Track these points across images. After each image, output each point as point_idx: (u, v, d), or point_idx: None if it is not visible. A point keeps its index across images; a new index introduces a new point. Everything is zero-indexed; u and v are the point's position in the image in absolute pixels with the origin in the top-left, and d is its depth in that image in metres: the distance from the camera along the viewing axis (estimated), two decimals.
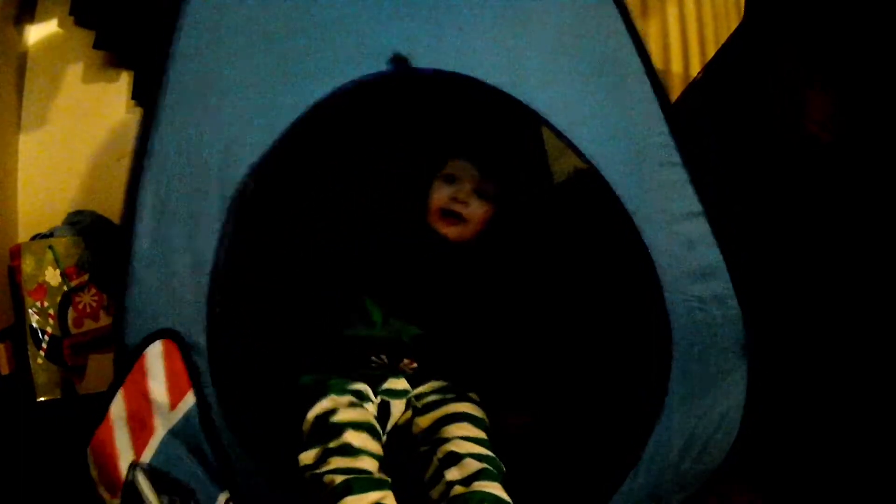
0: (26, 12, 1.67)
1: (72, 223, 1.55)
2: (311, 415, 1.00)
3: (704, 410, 1.00)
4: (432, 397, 1.12)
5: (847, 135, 1.15)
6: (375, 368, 1.13)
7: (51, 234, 1.49)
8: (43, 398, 1.39)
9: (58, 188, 1.67)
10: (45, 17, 1.68)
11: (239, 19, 0.93)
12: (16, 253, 1.44)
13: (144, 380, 0.86)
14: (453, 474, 0.97)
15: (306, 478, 0.96)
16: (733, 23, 1.84)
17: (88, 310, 1.45)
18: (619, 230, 0.97)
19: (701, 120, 1.34)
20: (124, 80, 1.70)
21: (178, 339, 0.88)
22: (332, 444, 0.96)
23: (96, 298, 1.47)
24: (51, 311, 1.43)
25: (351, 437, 0.96)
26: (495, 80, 0.95)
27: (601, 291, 1.19)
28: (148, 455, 0.85)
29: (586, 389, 1.16)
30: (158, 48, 0.92)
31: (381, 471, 0.97)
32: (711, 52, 1.81)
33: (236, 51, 0.93)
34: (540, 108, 0.96)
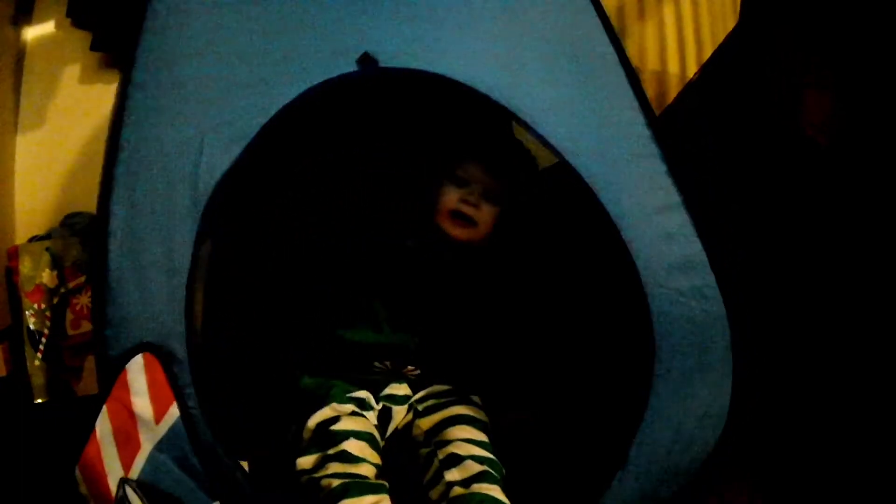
0: (23, 13, 1.66)
1: (69, 225, 1.54)
2: (313, 422, 1.01)
3: (690, 404, 1.00)
4: (434, 400, 1.12)
5: (844, 137, 1.15)
6: (378, 374, 1.13)
7: (48, 236, 1.49)
8: (40, 400, 1.38)
9: (55, 190, 1.66)
10: (43, 19, 1.68)
11: (204, 18, 0.92)
12: (13, 254, 1.43)
13: (127, 395, 0.86)
14: (453, 475, 0.98)
15: (302, 482, 0.97)
16: (730, 23, 1.84)
17: (85, 311, 1.44)
18: (597, 225, 0.97)
19: (698, 120, 1.35)
20: None
21: (157, 352, 0.87)
22: (332, 451, 0.96)
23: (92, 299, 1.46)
24: (48, 313, 1.42)
25: (350, 445, 0.97)
26: (466, 78, 0.94)
27: (584, 288, 1.19)
28: (136, 470, 0.85)
29: (574, 388, 1.16)
30: (126, 48, 0.91)
31: (378, 478, 0.97)
32: (708, 53, 1.81)
33: (202, 51, 0.92)
34: (511, 103, 0.95)
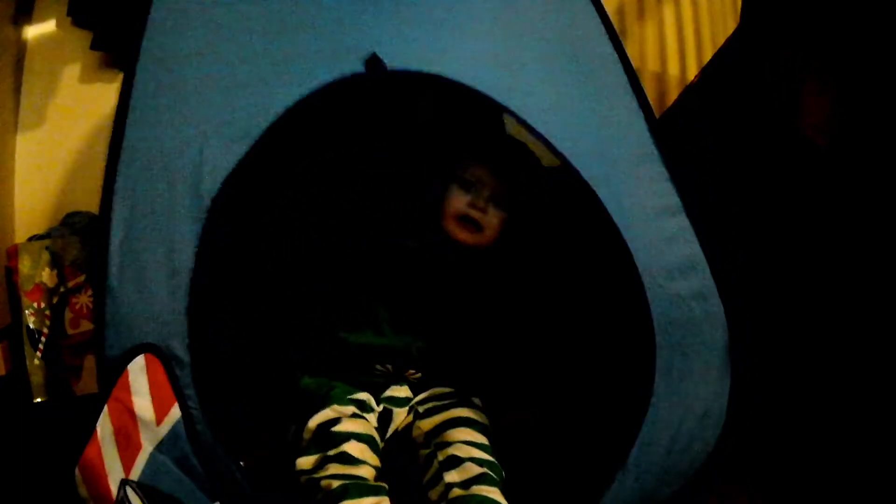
0: (24, 12, 1.66)
1: (69, 224, 1.54)
2: (313, 423, 1.01)
3: (689, 405, 1.00)
4: (434, 402, 1.12)
5: (843, 140, 1.15)
6: (379, 376, 1.13)
7: (48, 235, 1.49)
8: (39, 399, 1.38)
9: (55, 189, 1.66)
10: (43, 18, 1.67)
11: (207, 18, 0.92)
12: (12, 253, 1.43)
13: (128, 396, 0.86)
14: (453, 477, 0.98)
15: (302, 482, 0.97)
16: (730, 25, 1.84)
17: (85, 311, 1.44)
18: (598, 227, 0.97)
19: (698, 122, 1.35)
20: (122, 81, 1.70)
21: (158, 353, 0.87)
22: (332, 452, 0.96)
23: (93, 299, 1.46)
24: (47, 312, 1.42)
25: (351, 447, 0.97)
26: (468, 79, 0.94)
27: (584, 289, 1.19)
28: (137, 471, 0.85)
29: (574, 389, 1.16)
30: (129, 45, 0.91)
31: (378, 480, 0.97)
32: (708, 55, 1.81)
33: (205, 51, 0.91)
34: (512, 104, 0.95)
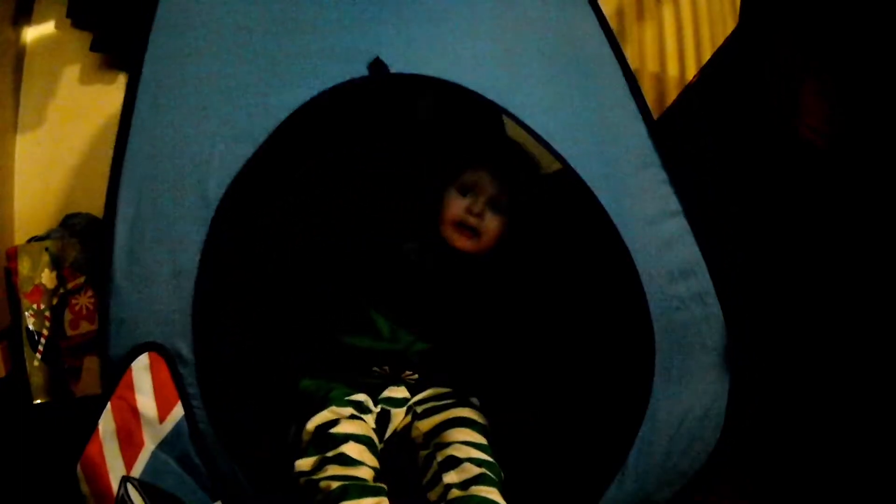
0: (23, 13, 1.66)
1: (68, 225, 1.54)
2: (312, 425, 1.01)
3: (688, 408, 1.01)
4: (432, 402, 1.12)
5: (842, 140, 1.15)
6: (376, 377, 1.13)
7: (47, 237, 1.49)
8: (39, 400, 1.38)
9: (54, 190, 1.66)
10: (43, 19, 1.68)
11: (212, 20, 0.92)
12: (12, 255, 1.43)
13: (132, 394, 0.86)
14: (451, 478, 0.98)
15: (301, 483, 0.97)
16: (729, 25, 1.85)
17: (85, 312, 1.44)
18: (598, 228, 0.97)
19: (697, 122, 1.35)
20: (121, 82, 1.69)
21: (162, 352, 0.87)
22: (330, 453, 0.96)
23: (93, 300, 1.46)
24: (47, 314, 1.42)
25: (349, 448, 0.97)
26: (469, 81, 0.94)
27: (585, 293, 1.19)
28: (138, 469, 0.86)
29: (574, 390, 1.16)
30: (134, 47, 0.91)
31: (376, 480, 0.97)
32: (707, 55, 1.81)
33: (211, 52, 0.92)
34: (512, 106, 0.96)
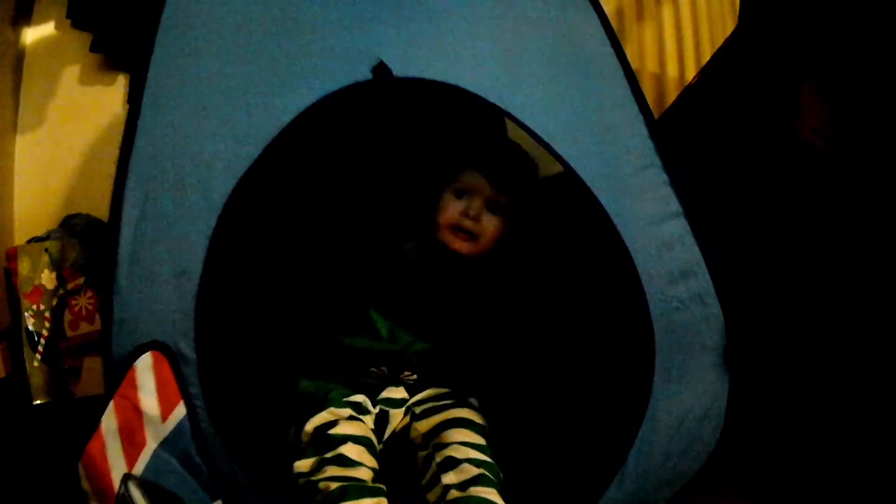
0: (23, 14, 1.66)
1: (68, 226, 1.54)
2: (311, 426, 1.01)
3: (688, 408, 1.01)
4: (431, 403, 1.12)
5: (841, 141, 1.16)
6: (375, 378, 1.13)
7: (47, 237, 1.49)
8: (39, 400, 1.38)
9: (54, 191, 1.66)
10: (42, 20, 1.68)
11: (213, 20, 0.92)
12: (12, 255, 1.43)
13: (135, 392, 0.86)
14: (450, 478, 0.98)
15: (300, 484, 0.97)
16: (729, 26, 1.85)
17: (84, 312, 1.44)
18: (600, 232, 0.98)
19: (697, 122, 1.35)
20: (121, 83, 1.70)
21: (165, 351, 0.88)
22: (329, 454, 0.96)
23: (92, 301, 1.46)
24: (47, 314, 1.42)
25: (348, 449, 0.97)
26: (471, 84, 0.94)
27: (586, 293, 1.19)
28: (140, 467, 0.85)
29: (573, 390, 1.16)
30: (139, 49, 0.91)
31: (375, 481, 0.97)
32: (707, 56, 1.81)
33: (215, 53, 0.92)
34: (518, 111, 0.96)
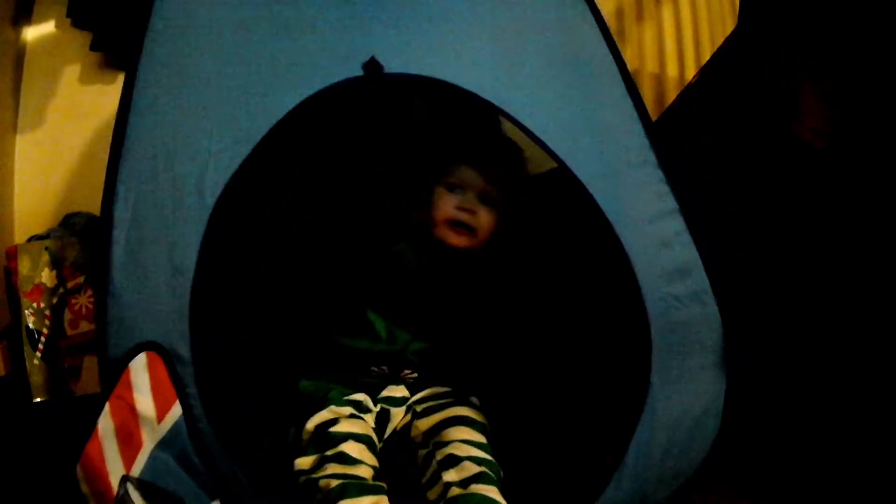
0: (23, 13, 1.66)
1: (68, 225, 1.54)
2: (311, 424, 1.01)
3: (687, 407, 1.00)
4: (432, 401, 1.12)
5: (841, 141, 1.16)
6: (375, 377, 1.13)
7: (47, 236, 1.49)
8: (39, 399, 1.38)
9: (54, 189, 1.66)
10: (43, 19, 1.68)
11: (211, 19, 0.92)
12: (12, 254, 1.43)
13: (130, 393, 0.86)
14: (451, 476, 0.98)
15: (300, 482, 0.97)
16: (729, 25, 1.85)
17: (84, 311, 1.44)
18: (596, 230, 0.97)
19: (697, 122, 1.35)
20: (121, 82, 1.68)
21: (160, 351, 0.87)
22: (330, 452, 0.96)
23: (92, 300, 1.46)
24: (47, 313, 1.42)
25: (348, 447, 0.97)
26: (466, 82, 0.94)
27: (583, 293, 1.19)
28: (137, 468, 0.85)
29: (572, 389, 1.16)
30: (130, 46, 0.92)
31: (376, 479, 0.97)
32: (707, 56, 1.81)
33: (207, 51, 0.92)
34: (514, 110, 0.96)
